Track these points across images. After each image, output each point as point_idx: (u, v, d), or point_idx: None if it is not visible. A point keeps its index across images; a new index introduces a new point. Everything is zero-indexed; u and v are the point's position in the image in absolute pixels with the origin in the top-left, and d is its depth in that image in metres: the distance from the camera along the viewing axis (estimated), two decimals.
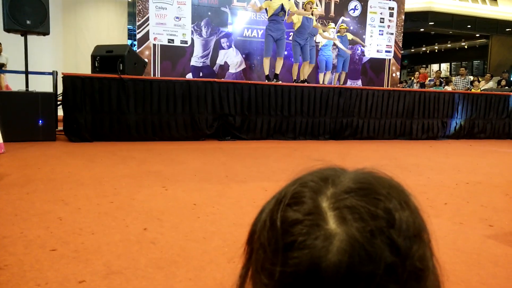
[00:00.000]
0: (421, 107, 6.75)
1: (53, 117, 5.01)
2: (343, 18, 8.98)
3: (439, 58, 20.07)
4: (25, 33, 5.01)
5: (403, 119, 6.66)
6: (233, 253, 1.67)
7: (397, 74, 10.13)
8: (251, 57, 8.79)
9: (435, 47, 19.86)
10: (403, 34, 10.07)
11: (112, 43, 6.16)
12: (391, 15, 9.79)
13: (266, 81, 6.90)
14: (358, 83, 9.36)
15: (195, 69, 8.37)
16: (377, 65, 9.75)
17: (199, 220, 2.15)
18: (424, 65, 18.04)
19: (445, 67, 19.70)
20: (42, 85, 5.63)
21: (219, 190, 2.81)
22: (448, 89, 10.41)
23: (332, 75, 8.60)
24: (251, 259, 0.40)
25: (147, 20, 7.94)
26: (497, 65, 15.81)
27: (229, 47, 8.61)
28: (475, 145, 6.32)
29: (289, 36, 7.93)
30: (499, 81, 11.70)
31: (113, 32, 8.76)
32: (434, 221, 2.25)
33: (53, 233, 1.86)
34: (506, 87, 10.70)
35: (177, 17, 8.11)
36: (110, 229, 1.94)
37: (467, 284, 1.55)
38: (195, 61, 8.37)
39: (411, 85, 12.24)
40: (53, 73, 5.33)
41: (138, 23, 7.97)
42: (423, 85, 11.87)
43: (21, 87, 5.19)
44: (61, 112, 5.19)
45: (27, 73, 5.15)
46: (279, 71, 6.97)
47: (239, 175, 3.35)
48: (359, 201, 0.35)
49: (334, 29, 8.32)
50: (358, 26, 9.48)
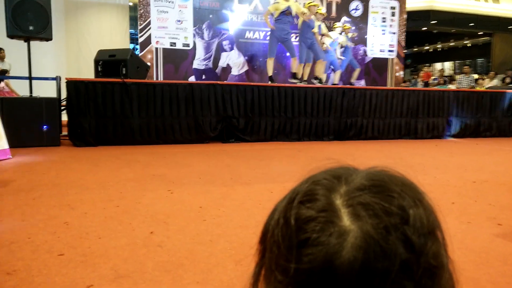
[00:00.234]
0: (426, 106, 6.72)
1: (57, 122, 5.03)
2: (344, 19, 8.96)
3: (442, 56, 20.00)
4: (28, 39, 5.04)
5: (407, 119, 6.63)
6: (240, 256, 1.66)
7: (401, 73, 10.09)
8: (254, 58, 8.80)
9: (438, 46, 19.79)
10: (406, 33, 10.05)
11: (114, 48, 6.18)
12: (393, 14, 9.77)
13: (269, 82, 6.90)
14: (361, 83, 9.33)
15: (198, 72, 8.39)
16: (380, 65, 9.72)
17: (205, 222, 2.14)
18: (427, 64, 17.97)
19: (448, 66, 19.62)
20: (45, 90, 5.66)
21: (224, 192, 2.80)
22: (451, 87, 10.37)
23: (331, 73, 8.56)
24: (264, 258, 0.40)
25: (148, 24, 7.97)
26: (501, 63, 15.73)
27: (231, 49, 8.62)
28: (481, 143, 6.28)
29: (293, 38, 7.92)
30: (504, 79, 11.64)
31: (115, 36, 8.79)
32: (442, 220, 2.23)
33: (60, 237, 1.87)
34: (510, 85, 10.64)
35: (179, 20, 8.13)
36: (116, 233, 1.94)
37: (476, 283, 1.53)
38: (197, 64, 8.39)
39: (415, 85, 12.19)
40: (57, 78, 5.36)
41: (140, 27, 8.01)
42: (427, 84, 11.83)
43: (25, 93, 5.22)
44: (65, 117, 5.20)
45: (30, 78, 5.18)
46: (295, 70, 7.00)
47: (243, 177, 3.34)
48: (373, 198, 0.35)
49: (339, 28, 8.30)
50: (359, 26, 9.46)
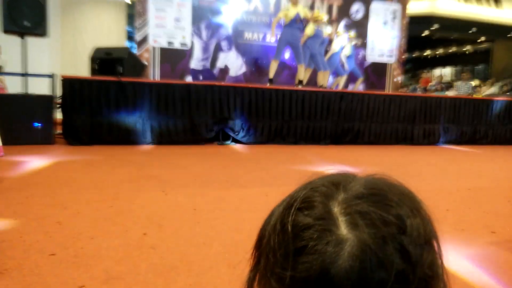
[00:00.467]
0: (423, 112, 6.74)
1: (52, 120, 4.99)
2: (340, 29, 8.95)
3: (442, 62, 20.03)
4: (23, 35, 4.99)
5: (404, 124, 6.64)
6: (234, 259, 1.65)
7: (399, 78, 10.11)
8: (252, 60, 8.79)
9: (438, 52, 19.84)
10: (407, 38, 10.03)
11: (111, 45, 6.15)
12: (394, 18, 9.76)
13: (267, 84, 6.91)
14: (359, 88, 9.36)
15: (195, 72, 8.36)
16: (379, 69, 9.73)
17: (199, 225, 2.13)
18: (426, 70, 18.03)
19: (449, 72, 19.66)
20: (40, 87, 5.61)
21: (220, 195, 2.79)
22: (450, 93, 10.42)
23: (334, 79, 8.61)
24: (260, 263, 0.39)
25: (146, 22, 7.92)
26: (501, 70, 15.81)
27: (230, 50, 8.60)
28: (477, 151, 6.31)
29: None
30: (502, 86, 11.69)
31: (112, 34, 8.75)
32: (436, 227, 2.23)
33: (52, 237, 1.85)
34: (508, 93, 10.70)
35: (177, 19, 8.08)
36: (109, 234, 1.92)
37: None
38: (195, 64, 8.36)
39: (414, 90, 12.22)
40: (52, 76, 5.32)
41: (137, 25, 7.95)
42: (425, 90, 11.88)
43: (19, 89, 5.18)
44: (59, 115, 5.17)
45: (25, 75, 5.14)
46: (302, 77, 7.07)
47: (239, 180, 3.33)
48: (371, 206, 0.35)
49: (344, 35, 8.38)
50: (360, 29, 9.47)
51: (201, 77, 8.34)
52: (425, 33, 15.70)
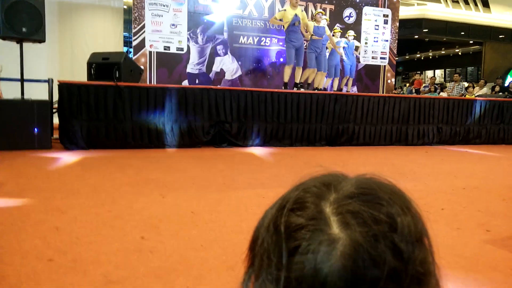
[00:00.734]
0: (416, 113, 6.79)
1: (49, 125, 4.98)
2: (338, 25, 9.05)
3: (433, 64, 20.25)
4: (20, 41, 5.00)
5: (398, 125, 6.69)
6: (233, 261, 1.66)
7: (392, 80, 10.20)
8: (247, 64, 8.82)
9: (430, 54, 20.05)
10: (398, 41, 10.17)
11: (108, 51, 6.15)
12: (386, 22, 9.88)
13: (282, 88, 6.99)
14: (353, 90, 9.41)
15: (191, 76, 8.38)
16: (372, 71, 9.82)
17: (197, 228, 2.14)
18: (418, 72, 18.19)
19: (439, 74, 19.87)
20: (37, 92, 5.61)
21: (217, 197, 2.80)
22: (443, 95, 10.49)
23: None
24: (254, 265, 0.40)
25: (143, 27, 7.96)
26: (491, 71, 15.98)
27: (225, 54, 8.63)
28: (471, 150, 6.36)
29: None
30: (493, 87, 11.83)
31: (109, 39, 8.75)
32: (431, 226, 2.24)
33: (50, 243, 1.84)
34: (499, 93, 10.82)
35: (173, 24, 8.13)
36: (108, 238, 1.93)
37: None
38: (191, 68, 8.38)
39: (410, 92, 12.28)
40: (49, 81, 5.31)
41: (134, 30, 7.99)
42: (418, 92, 11.98)
43: (16, 95, 5.17)
44: (56, 120, 5.16)
45: (22, 80, 5.13)
46: (298, 80, 7.11)
47: (236, 182, 3.35)
48: (362, 206, 0.36)
49: (340, 32, 8.43)
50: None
51: (197, 81, 8.36)
52: (416, 36, 15.85)
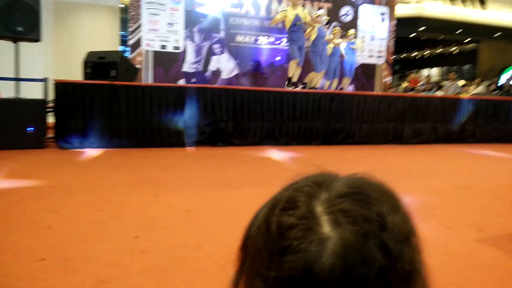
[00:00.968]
0: (412, 112, 6.80)
1: (43, 124, 4.97)
2: (336, 23, 9.05)
3: (430, 63, 20.30)
4: (16, 40, 4.98)
5: (394, 124, 6.70)
6: (226, 260, 1.66)
7: (389, 79, 10.21)
8: (244, 63, 8.82)
9: (426, 52, 20.09)
10: (395, 39, 10.17)
11: (104, 49, 6.13)
12: (383, 20, 9.89)
13: (286, 83, 7.02)
14: (350, 88, 9.42)
15: (188, 75, 8.36)
16: (369, 70, 9.82)
17: (191, 227, 2.14)
18: (415, 70, 18.25)
19: (436, 72, 19.93)
20: (33, 91, 5.58)
21: (212, 196, 2.80)
22: (439, 93, 10.53)
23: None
24: (245, 265, 0.40)
25: (139, 26, 7.94)
26: (487, 70, 16.03)
27: (222, 53, 8.63)
28: (465, 149, 6.38)
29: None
30: (489, 85, 11.86)
31: (105, 38, 8.72)
32: (424, 225, 2.26)
33: (42, 242, 1.84)
34: (495, 92, 10.86)
35: (170, 23, 8.12)
36: (100, 238, 1.93)
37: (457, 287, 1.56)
38: (187, 67, 8.37)
39: (411, 90, 12.26)
40: (44, 80, 5.30)
41: (130, 29, 7.96)
42: (413, 90, 12.01)
43: (11, 94, 5.15)
44: (51, 119, 5.14)
45: (17, 80, 5.11)
46: (296, 79, 7.10)
47: (231, 181, 3.35)
48: (353, 205, 0.36)
49: (340, 32, 8.46)
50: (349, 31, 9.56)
51: (194, 80, 8.35)
52: (413, 35, 15.88)
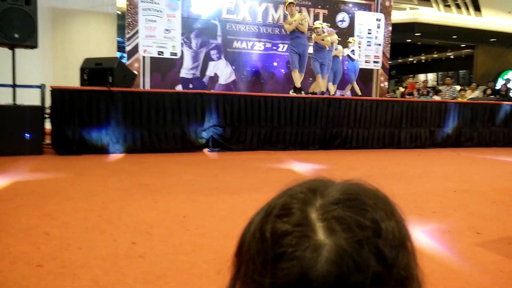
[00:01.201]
0: (409, 116, 6.83)
1: (41, 131, 4.96)
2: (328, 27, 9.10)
3: (426, 68, 20.44)
4: (13, 46, 4.98)
5: (391, 129, 6.73)
6: (223, 266, 1.65)
7: (385, 84, 10.27)
8: (241, 68, 8.85)
9: (422, 57, 20.23)
10: (391, 45, 10.25)
11: (101, 56, 6.14)
12: (378, 26, 9.97)
13: (292, 92, 7.02)
14: (348, 94, 9.46)
15: (185, 81, 8.39)
16: (366, 75, 9.88)
17: (188, 232, 2.13)
18: (411, 75, 18.35)
19: (432, 77, 20.05)
20: (30, 98, 5.58)
21: (210, 202, 2.79)
22: (436, 98, 10.58)
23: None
24: (240, 272, 0.40)
25: (136, 32, 7.97)
26: (483, 75, 16.15)
27: (219, 58, 8.66)
28: (463, 153, 6.41)
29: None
30: (485, 90, 11.94)
31: (103, 44, 8.74)
32: (422, 229, 2.26)
33: (39, 248, 1.83)
34: (491, 96, 10.92)
35: (167, 30, 8.15)
36: (98, 244, 1.92)
37: None
38: (185, 73, 8.39)
39: (410, 95, 12.33)
40: (41, 86, 5.29)
41: (127, 36, 7.99)
42: (410, 95, 12.08)
43: (8, 100, 5.14)
44: (48, 125, 5.13)
45: (14, 86, 5.11)
46: (298, 85, 7.13)
47: (229, 187, 3.34)
48: (347, 211, 0.36)
49: (352, 42, 8.58)
50: (346, 37, 9.62)
51: (191, 86, 8.37)
52: (409, 40, 16.00)
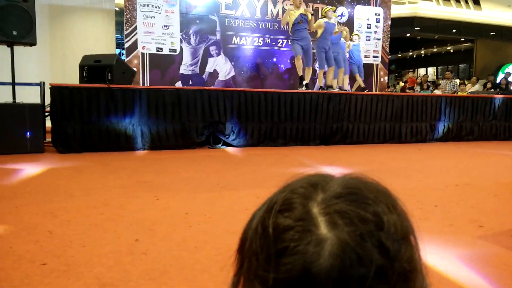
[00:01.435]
0: (409, 111, 6.83)
1: (41, 129, 4.95)
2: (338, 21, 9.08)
3: (425, 62, 20.40)
4: (11, 44, 4.96)
5: (392, 123, 6.73)
6: (226, 262, 1.66)
7: (385, 78, 10.25)
8: (240, 64, 8.83)
9: (422, 52, 20.18)
10: (390, 39, 10.21)
11: (100, 53, 6.12)
12: (378, 21, 9.93)
13: (301, 84, 6.93)
14: (348, 88, 9.45)
15: (185, 77, 8.37)
16: (365, 70, 9.85)
17: (191, 229, 2.13)
18: (411, 70, 18.32)
19: (432, 71, 20.02)
20: (29, 96, 5.57)
21: (211, 198, 2.80)
22: (437, 92, 10.57)
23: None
24: (243, 267, 0.40)
25: (135, 29, 7.94)
26: (483, 68, 16.12)
27: (218, 54, 8.63)
28: (463, 147, 6.41)
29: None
30: (485, 84, 11.92)
31: (101, 41, 8.72)
32: (424, 223, 2.27)
33: (43, 246, 1.83)
34: (491, 90, 10.91)
35: (165, 26, 8.12)
36: (101, 241, 1.92)
37: (459, 286, 1.56)
38: (184, 69, 8.37)
39: (411, 89, 12.31)
40: (41, 84, 5.28)
41: (126, 32, 7.96)
42: (411, 90, 12.07)
43: (8, 98, 5.13)
44: (49, 123, 5.13)
45: (14, 84, 5.10)
46: (308, 80, 7.07)
47: (230, 183, 3.34)
48: (349, 205, 0.36)
49: (357, 36, 8.54)
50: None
51: (190, 82, 8.35)
52: (408, 35, 15.95)
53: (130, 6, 7.89)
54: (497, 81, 13.15)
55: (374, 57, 9.96)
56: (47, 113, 5.20)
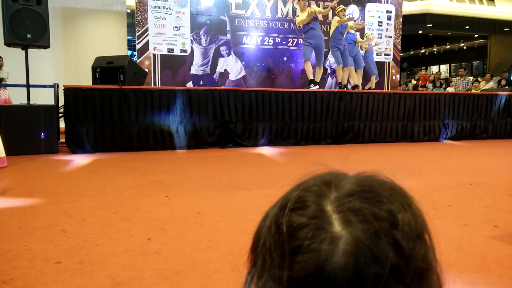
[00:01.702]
0: (422, 109, 6.74)
1: (55, 130, 5.03)
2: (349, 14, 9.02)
3: (438, 59, 20.09)
4: (25, 47, 5.05)
5: (404, 122, 6.65)
6: (238, 261, 1.66)
7: (397, 76, 10.14)
8: (251, 64, 8.83)
9: (434, 49, 19.90)
10: (402, 36, 10.10)
11: (112, 54, 6.19)
12: (389, 18, 9.83)
13: (309, 85, 6.89)
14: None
15: (196, 78, 8.41)
16: (377, 68, 9.76)
17: (203, 228, 2.14)
18: (424, 67, 18.07)
19: (444, 69, 19.72)
20: (43, 97, 5.66)
21: (223, 198, 2.80)
22: (450, 89, 10.42)
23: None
24: (256, 266, 0.40)
25: (146, 30, 8.00)
26: (497, 65, 15.81)
27: (229, 54, 8.65)
28: (478, 145, 6.30)
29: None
30: (499, 81, 11.71)
31: (113, 43, 8.82)
32: (438, 223, 2.24)
33: (57, 245, 1.86)
34: (506, 87, 10.71)
35: (176, 27, 8.17)
36: (114, 240, 1.94)
37: (473, 286, 1.54)
38: (195, 70, 8.41)
39: (424, 87, 12.18)
40: (54, 86, 5.37)
41: (137, 34, 8.03)
42: (424, 88, 11.92)
43: (22, 100, 5.23)
44: (62, 124, 5.21)
45: (28, 86, 5.19)
46: (319, 80, 7.05)
47: (242, 183, 3.35)
48: (363, 203, 0.36)
49: (371, 35, 8.53)
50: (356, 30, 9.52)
51: (201, 82, 8.39)
52: (420, 32, 15.74)
53: (141, 7, 7.96)
54: (511, 78, 12.89)
55: (385, 55, 9.85)
56: (60, 114, 5.28)
